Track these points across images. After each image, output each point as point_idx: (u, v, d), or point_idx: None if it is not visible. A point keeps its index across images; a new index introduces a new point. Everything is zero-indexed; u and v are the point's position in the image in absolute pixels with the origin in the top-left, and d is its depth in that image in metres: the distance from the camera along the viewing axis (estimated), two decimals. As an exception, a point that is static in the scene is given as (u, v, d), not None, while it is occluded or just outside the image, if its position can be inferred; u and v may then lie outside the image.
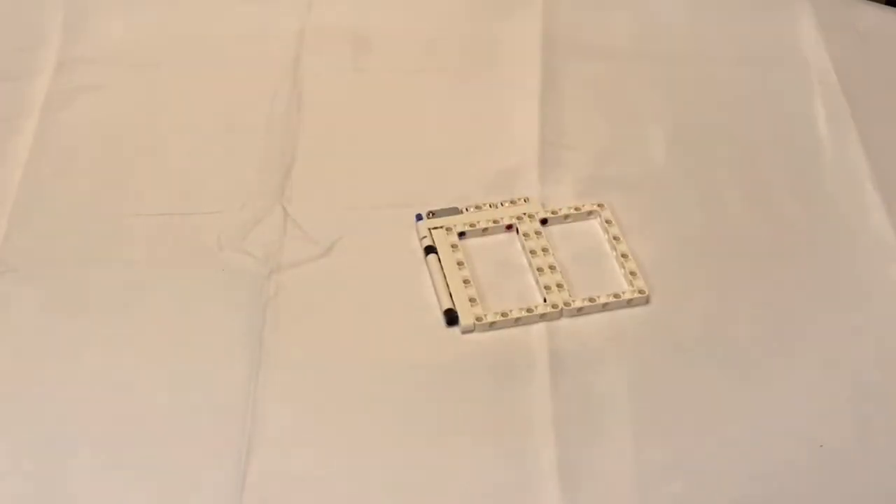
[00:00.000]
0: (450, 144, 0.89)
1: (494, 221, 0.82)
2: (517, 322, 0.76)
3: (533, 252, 0.80)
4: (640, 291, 0.77)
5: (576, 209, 0.82)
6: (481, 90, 0.93)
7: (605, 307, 0.77)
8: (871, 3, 1.00)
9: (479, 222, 0.81)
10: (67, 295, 0.78)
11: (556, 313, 0.76)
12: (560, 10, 0.99)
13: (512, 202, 0.83)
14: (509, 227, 0.82)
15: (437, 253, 0.79)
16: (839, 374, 0.74)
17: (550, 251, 0.80)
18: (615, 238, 0.80)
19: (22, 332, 0.76)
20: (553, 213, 0.82)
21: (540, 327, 0.76)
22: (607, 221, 0.82)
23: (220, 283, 0.79)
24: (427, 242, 0.80)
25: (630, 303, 0.77)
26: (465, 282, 0.78)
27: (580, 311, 0.77)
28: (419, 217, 0.81)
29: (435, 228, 0.81)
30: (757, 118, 0.90)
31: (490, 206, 0.83)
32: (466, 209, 0.82)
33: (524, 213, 0.82)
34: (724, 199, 0.84)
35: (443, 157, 0.88)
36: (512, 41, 0.95)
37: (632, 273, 0.78)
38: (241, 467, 0.69)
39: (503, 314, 0.76)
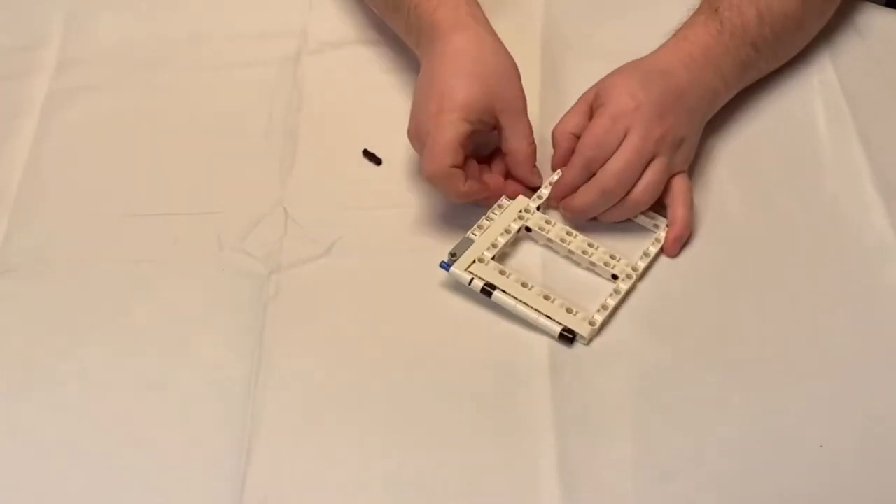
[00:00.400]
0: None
1: (507, 231, 0.80)
2: (616, 310, 0.76)
3: (563, 240, 0.80)
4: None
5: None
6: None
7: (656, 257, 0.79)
8: (871, 3, 1.00)
9: (497, 241, 0.80)
10: (67, 295, 0.78)
11: (637, 276, 0.78)
12: (560, 10, 0.99)
13: (499, 206, 0.82)
14: (519, 230, 0.81)
15: (497, 288, 0.76)
16: (839, 374, 0.74)
17: (574, 231, 0.80)
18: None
19: (22, 332, 0.76)
20: (538, 196, 0.82)
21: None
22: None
23: (220, 283, 0.79)
24: (478, 284, 0.77)
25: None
26: (546, 297, 0.76)
27: (652, 261, 0.79)
28: (447, 265, 0.78)
29: (471, 266, 0.78)
30: (757, 118, 0.90)
31: (487, 219, 0.81)
32: (473, 234, 0.80)
33: (523, 210, 0.82)
34: (724, 198, 0.84)
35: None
36: (512, 41, 0.95)
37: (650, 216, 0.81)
38: (241, 467, 0.69)
39: (603, 306, 0.76)
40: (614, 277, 0.78)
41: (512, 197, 0.82)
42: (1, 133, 0.89)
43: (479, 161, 0.82)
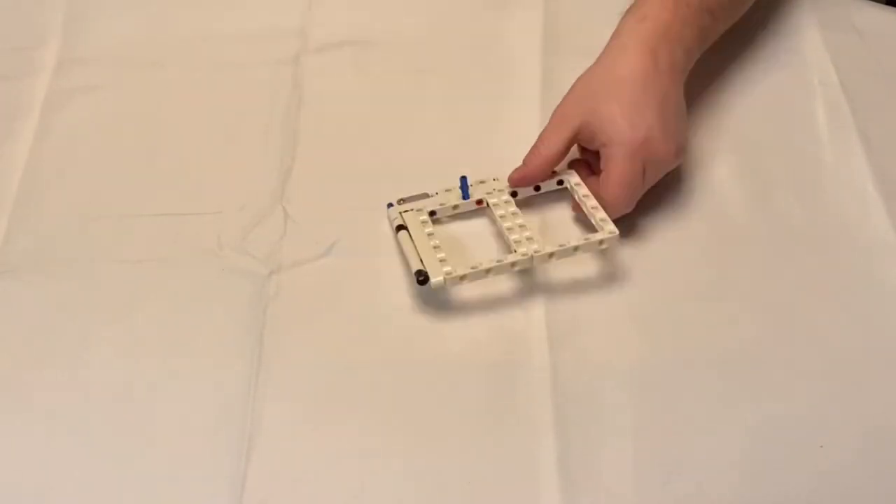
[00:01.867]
0: (450, 144, 0.89)
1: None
2: (488, 273, 0.75)
3: (503, 217, 0.79)
4: (611, 232, 0.76)
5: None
6: (481, 90, 0.93)
7: (576, 250, 0.76)
8: (871, 3, 1.00)
9: (449, 201, 0.81)
10: (67, 295, 0.78)
11: (527, 260, 0.75)
12: (560, 10, 0.99)
13: (481, 181, 0.82)
14: (479, 202, 0.81)
15: (407, 230, 0.79)
16: (839, 375, 0.74)
17: (520, 214, 0.79)
18: (585, 196, 0.80)
19: (21, 332, 0.76)
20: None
21: (540, 326, 0.76)
22: (577, 184, 0.81)
23: (220, 283, 0.79)
24: (399, 223, 0.79)
25: (602, 244, 0.76)
26: (436, 247, 0.76)
27: (552, 256, 0.76)
28: (390, 205, 0.81)
29: (405, 212, 0.80)
30: (757, 118, 0.90)
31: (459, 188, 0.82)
32: (437, 193, 0.81)
33: (494, 189, 0.81)
34: (725, 198, 0.84)
35: (443, 157, 0.88)
36: (512, 41, 0.95)
37: (602, 220, 0.77)
38: (241, 467, 0.69)
39: (473, 267, 0.74)
40: (514, 251, 0.76)
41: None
42: (1, 133, 0.89)
43: None
